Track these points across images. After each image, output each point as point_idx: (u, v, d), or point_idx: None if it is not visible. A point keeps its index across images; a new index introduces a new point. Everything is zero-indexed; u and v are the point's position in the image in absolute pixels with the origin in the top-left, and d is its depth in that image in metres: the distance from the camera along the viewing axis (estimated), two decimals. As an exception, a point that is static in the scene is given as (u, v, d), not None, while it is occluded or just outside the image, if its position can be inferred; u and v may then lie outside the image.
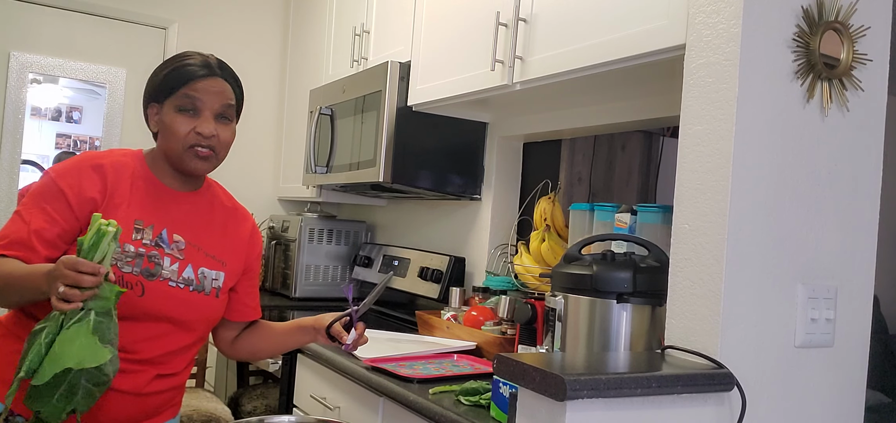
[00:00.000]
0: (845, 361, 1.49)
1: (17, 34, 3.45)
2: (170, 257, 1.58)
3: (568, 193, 2.51)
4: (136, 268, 1.52)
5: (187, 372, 1.71)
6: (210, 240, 1.66)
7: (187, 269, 1.60)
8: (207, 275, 1.63)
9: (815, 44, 1.40)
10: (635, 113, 2.11)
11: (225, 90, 1.61)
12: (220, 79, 1.61)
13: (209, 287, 1.63)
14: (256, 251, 1.80)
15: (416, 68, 2.55)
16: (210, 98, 1.58)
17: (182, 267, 1.59)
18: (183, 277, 1.59)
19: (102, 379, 1.34)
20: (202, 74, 1.58)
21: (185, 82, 1.57)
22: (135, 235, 1.54)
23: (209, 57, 1.64)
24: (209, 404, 2.76)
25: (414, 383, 1.83)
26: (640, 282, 1.54)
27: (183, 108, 1.57)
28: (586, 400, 1.15)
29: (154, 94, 1.61)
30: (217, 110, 1.60)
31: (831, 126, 1.45)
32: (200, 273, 1.61)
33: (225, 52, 4.04)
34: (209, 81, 1.59)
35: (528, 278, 2.35)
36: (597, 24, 1.78)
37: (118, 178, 1.57)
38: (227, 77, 1.64)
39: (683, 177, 1.41)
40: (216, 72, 1.61)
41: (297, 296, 3.42)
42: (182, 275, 1.59)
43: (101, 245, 1.33)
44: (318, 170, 3.06)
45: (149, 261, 1.54)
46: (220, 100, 1.60)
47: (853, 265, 1.50)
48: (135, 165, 1.62)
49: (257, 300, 1.83)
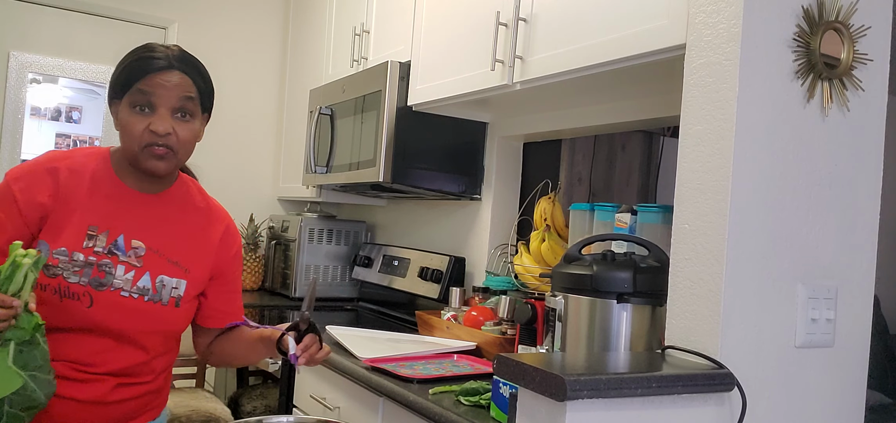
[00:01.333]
0: (846, 361, 1.49)
1: (16, 34, 3.45)
2: (125, 264, 1.49)
3: (568, 193, 2.51)
4: (83, 278, 1.44)
5: (162, 379, 1.63)
6: (174, 245, 1.56)
7: (144, 277, 1.50)
8: (167, 283, 1.53)
9: (815, 44, 1.40)
10: (635, 113, 2.11)
11: (182, 83, 1.49)
12: (178, 71, 1.49)
13: (167, 297, 1.53)
14: (230, 253, 1.67)
15: (416, 68, 2.55)
16: (165, 93, 1.47)
17: (138, 275, 1.50)
18: (137, 286, 1.49)
19: (31, 403, 1.31)
20: (157, 68, 1.47)
21: (139, 77, 1.46)
22: (87, 242, 1.46)
23: (170, 48, 1.52)
24: (209, 404, 2.76)
25: (414, 383, 1.83)
26: (640, 282, 1.54)
27: (137, 104, 1.47)
28: (586, 400, 1.15)
29: (113, 90, 1.51)
30: (174, 105, 1.48)
31: (831, 126, 1.45)
32: (159, 282, 1.52)
33: (225, 52, 4.08)
34: (165, 74, 1.47)
35: (528, 278, 2.35)
36: (597, 23, 1.77)
37: (75, 181, 1.49)
38: (188, 69, 1.51)
39: (683, 177, 1.41)
40: (173, 64, 1.49)
41: (297, 296, 3.42)
42: (137, 284, 1.49)
43: (16, 277, 1.28)
44: (318, 170, 3.06)
45: (99, 270, 1.46)
46: (176, 93, 1.48)
47: (853, 265, 1.49)
48: (97, 166, 1.53)
49: (234, 305, 1.71)
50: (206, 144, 4.49)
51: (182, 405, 2.68)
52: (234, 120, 3.91)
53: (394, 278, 3.08)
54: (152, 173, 1.52)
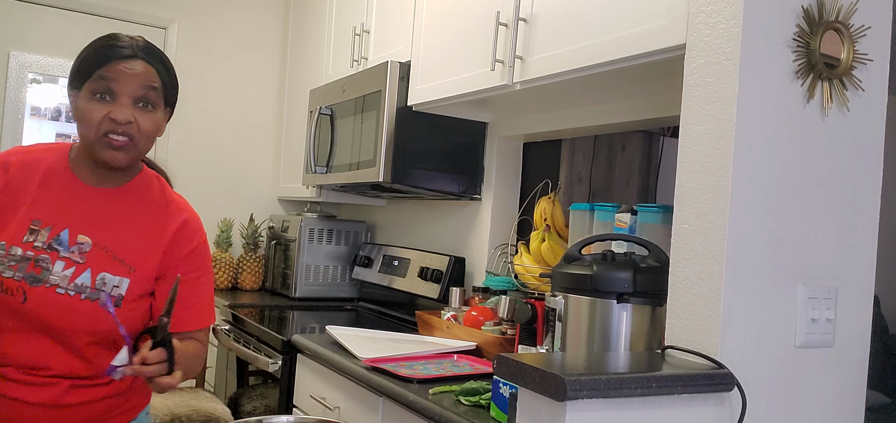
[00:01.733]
0: (845, 361, 1.49)
1: (16, 34, 3.45)
2: (65, 260, 1.43)
3: (568, 193, 2.51)
4: (18, 273, 1.40)
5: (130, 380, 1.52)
6: (123, 241, 1.49)
7: (84, 274, 1.43)
8: (108, 281, 1.45)
9: (815, 44, 1.40)
10: (635, 113, 2.11)
11: (146, 72, 1.44)
12: (142, 61, 1.45)
13: (106, 297, 1.45)
14: (184, 251, 1.55)
15: (416, 68, 2.55)
16: (127, 81, 1.42)
17: (78, 272, 1.43)
18: (75, 283, 1.43)
19: None
20: (121, 55, 1.43)
21: (102, 64, 1.42)
22: (28, 236, 1.42)
23: (134, 38, 1.48)
24: (209, 404, 2.76)
25: (414, 383, 1.83)
26: (640, 282, 1.54)
27: (98, 92, 1.42)
28: (586, 400, 1.15)
29: (73, 78, 1.46)
30: (136, 94, 1.43)
31: (831, 126, 1.45)
32: (99, 280, 1.44)
33: (225, 53, 4.07)
34: (129, 62, 1.43)
35: (528, 278, 2.35)
36: (597, 24, 1.77)
37: (26, 176, 1.46)
38: (152, 60, 1.47)
39: (683, 177, 1.41)
40: (138, 53, 1.45)
41: (297, 296, 3.43)
42: (75, 281, 1.42)
43: None
44: (318, 170, 3.06)
45: (35, 265, 1.41)
46: (139, 82, 1.43)
47: (853, 265, 1.49)
48: (53, 160, 1.50)
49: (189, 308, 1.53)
50: (206, 144, 4.50)
51: (182, 405, 2.68)
52: (234, 120, 3.91)
53: (394, 278, 3.08)
54: (109, 165, 1.46)
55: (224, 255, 3.69)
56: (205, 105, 3.83)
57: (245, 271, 3.71)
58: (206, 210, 3.82)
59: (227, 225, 3.74)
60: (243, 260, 3.73)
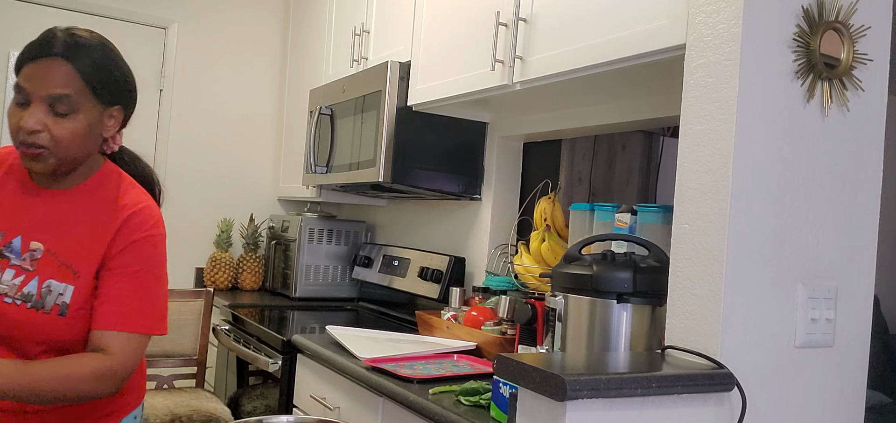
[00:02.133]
0: (845, 361, 1.49)
1: (16, 34, 3.45)
2: (15, 268, 1.37)
3: (568, 193, 2.51)
4: None
5: None
6: (70, 246, 1.40)
7: (31, 283, 1.37)
8: (54, 289, 1.37)
9: (815, 44, 1.40)
10: (635, 113, 2.11)
11: (58, 74, 1.30)
12: (57, 59, 1.30)
13: (50, 304, 1.37)
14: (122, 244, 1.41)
15: (416, 68, 2.55)
16: (38, 84, 1.29)
17: (27, 280, 1.37)
18: (22, 292, 1.36)
19: None
20: (34, 56, 1.31)
21: (21, 66, 1.32)
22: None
23: (56, 33, 1.33)
24: (209, 404, 2.76)
25: (414, 383, 1.83)
26: (640, 282, 1.54)
27: (16, 98, 1.32)
28: (586, 400, 1.15)
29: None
30: (46, 99, 1.30)
31: (831, 126, 1.45)
32: (45, 287, 1.37)
33: (225, 53, 4.06)
34: (42, 62, 1.30)
35: (528, 278, 2.35)
36: (597, 24, 1.78)
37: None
38: (72, 55, 1.32)
39: (683, 177, 1.41)
40: (54, 51, 1.30)
41: (297, 296, 3.43)
42: (22, 290, 1.36)
43: None
44: (318, 170, 3.06)
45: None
46: (48, 86, 1.29)
47: (853, 265, 1.50)
48: (14, 161, 1.43)
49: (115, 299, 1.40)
50: (206, 144, 4.50)
51: (183, 405, 2.68)
52: (235, 120, 3.91)
53: (394, 278, 3.08)
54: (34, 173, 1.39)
55: (224, 255, 3.69)
56: (205, 105, 3.84)
57: (245, 271, 3.71)
58: (207, 210, 3.85)
59: (228, 225, 3.75)
60: (243, 260, 3.73)
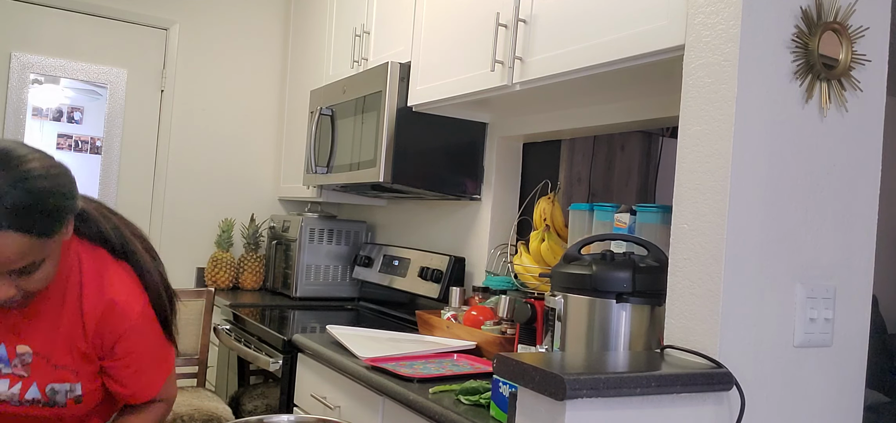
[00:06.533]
0: (844, 360, 1.50)
1: (18, 35, 3.45)
2: (9, 378, 1.36)
3: (567, 193, 2.51)
4: None
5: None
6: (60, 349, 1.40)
7: (31, 389, 1.37)
8: (59, 389, 1.39)
9: (813, 44, 1.40)
10: (635, 113, 2.11)
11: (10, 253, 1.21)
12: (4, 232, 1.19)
13: (64, 399, 1.40)
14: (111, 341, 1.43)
15: (416, 69, 2.56)
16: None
17: (25, 387, 1.36)
18: (26, 398, 1.37)
19: None
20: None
21: None
22: None
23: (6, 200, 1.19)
24: (210, 403, 2.76)
25: (414, 382, 1.84)
26: (639, 282, 1.54)
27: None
28: (586, 400, 1.16)
29: None
30: (8, 274, 1.25)
31: (830, 126, 1.45)
32: (49, 390, 1.38)
33: (225, 53, 4.07)
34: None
35: (527, 278, 2.35)
36: (596, 24, 1.78)
37: None
38: (18, 223, 1.19)
39: (683, 177, 1.41)
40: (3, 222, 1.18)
41: (297, 296, 3.43)
42: (25, 396, 1.37)
43: None
44: (319, 170, 3.06)
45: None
46: (5, 266, 1.23)
47: (852, 265, 1.50)
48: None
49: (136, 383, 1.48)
50: (206, 144, 4.50)
51: (184, 405, 2.69)
52: (235, 120, 3.92)
53: (394, 277, 3.09)
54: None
55: (225, 255, 3.70)
56: (206, 105, 3.84)
57: (246, 270, 3.72)
58: (208, 210, 3.86)
59: (228, 225, 3.75)
60: (244, 260, 3.73)
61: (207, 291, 3.04)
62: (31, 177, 1.22)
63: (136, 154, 3.71)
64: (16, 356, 1.37)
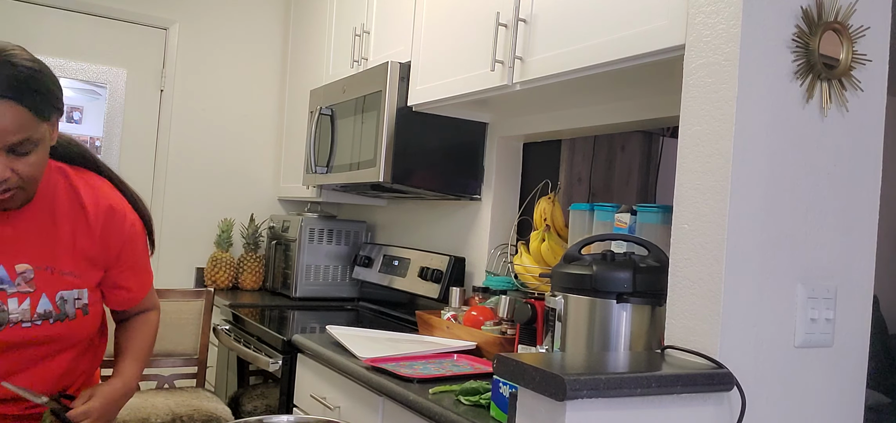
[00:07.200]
0: (845, 361, 1.50)
1: (17, 34, 3.45)
2: (17, 296, 1.39)
3: (568, 193, 2.51)
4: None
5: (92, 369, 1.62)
6: (63, 256, 1.44)
7: (42, 301, 1.41)
8: (68, 297, 1.44)
9: (814, 44, 1.40)
10: (635, 113, 2.11)
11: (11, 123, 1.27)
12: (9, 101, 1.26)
13: (73, 310, 1.45)
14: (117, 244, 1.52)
15: (416, 69, 2.56)
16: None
17: (35, 301, 1.40)
18: (38, 312, 1.40)
19: None
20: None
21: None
22: None
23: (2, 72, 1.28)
24: (209, 403, 2.76)
25: (414, 383, 1.83)
26: (639, 282, 1.54)
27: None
28: (586, 400, 1.15)
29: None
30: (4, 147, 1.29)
31: (831, 126, 1.45)
32: (59, 299, 1.42)
33: (225, 52, 4.07)
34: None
35: (528, 278, 2.35)
36: (597, 24, 1.78)
37: None
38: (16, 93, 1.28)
39: (683, 177, 1.41)
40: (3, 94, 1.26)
41: (297, 296, 3.43)
42: (37, 310, 1.40)
43: None
44: (319, 170, 3.06)
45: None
46: (3, 137, 1.28)
47: (853, 265, 1.50)
48: None
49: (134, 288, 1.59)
50: (207, 144, 4.49)
51: (183, 405, 2.68)
52: (235, 120, 3.92)
53: (394, 277, 3.08)
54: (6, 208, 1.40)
55: (224, 255, 3.69)
56: (206, 105, 3.84)
57: (245, 270, 3.72)
58: (207, 210, 3.86)
59: (228, 225, 3.75)
60: (244, 260, 3.73)
61: (207, 291, 3.04)
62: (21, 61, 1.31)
63: (135, 154, 3.70)
64: (17, 275, 1.41)
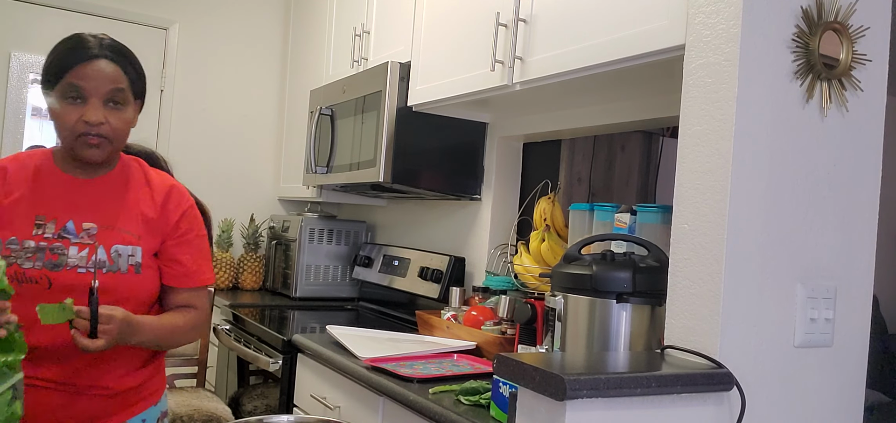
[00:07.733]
0: (844, 360, 1.50)
1: (17, 34, 3.45)
2: (78, 245, 1.54)
3: (568, 193, 2.51)
4: (37, 263, 1.49)
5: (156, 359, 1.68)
6: (124, 217, 1.60)
7: (99, 251, 1.54)
8: (122, 252, 1.56)
9: (814, 44, 1.40)
10: (635, 113, 2.11)
11: (112, 74, 1.53)
12: (108, 61, 1.53)
13: (125, 265, 1.56)
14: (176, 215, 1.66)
15: (416, 69, 2.56)
16: (96, 84, 1.51)
17: (92, 251, 1.54)
18: (94, 260, 1.53)
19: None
20: (87, 57, 1.51)
21: (70, 68, 1.50)
22: (36, 230, 1.52)
23: (101, 37, 1.56)
24: (210, 403, 2.76)
25: (414, 382, 1.84)
26: (639, 282, 1.54)
27: (69, 95, 1.50)
28: (586, 400, 1.15)
29: (45, 79, 1.54)
30: (105, 96, 1.52)
31: (831, 126, 1.45)
32: (114, 252, 1.55)
33: (225, 52, 4.07)
34: (95, 64, 1.51)
35: (528, 278, 2.35)
36: (596, 24, 1.78)
37: (19, 177, 1.56)
38: (118, 58, 1.55)
39: (683, 177, 1.41)
40: (104, 53, 1.53)
41: (297, 296, 3.43)
42: (92, 259, 1.53)
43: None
44: (319, 170, 3.06)
45: (51, 253, 1.51)
46: (107, 85, 1.52)
47: (852, 265, 1.50)
48: (40, 162, 1.60)
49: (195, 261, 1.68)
50: (207, 145, 4.50)
51: (183, 405, 2.69)
52: (235, 120, 3.92)
53: (394, 277, 3.08)
54: (88, 161, 1.56)
55: (225, 255, 3.69)
56: (206, 105, 3.84)
57: (246, 270, 3.72)
58: (207, 210, 3.84)
59: (228, 225, 3.75)
60: (244, 260, 3.73)
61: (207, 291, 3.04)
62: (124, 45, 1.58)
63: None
64: (82, 230, 1.55)
